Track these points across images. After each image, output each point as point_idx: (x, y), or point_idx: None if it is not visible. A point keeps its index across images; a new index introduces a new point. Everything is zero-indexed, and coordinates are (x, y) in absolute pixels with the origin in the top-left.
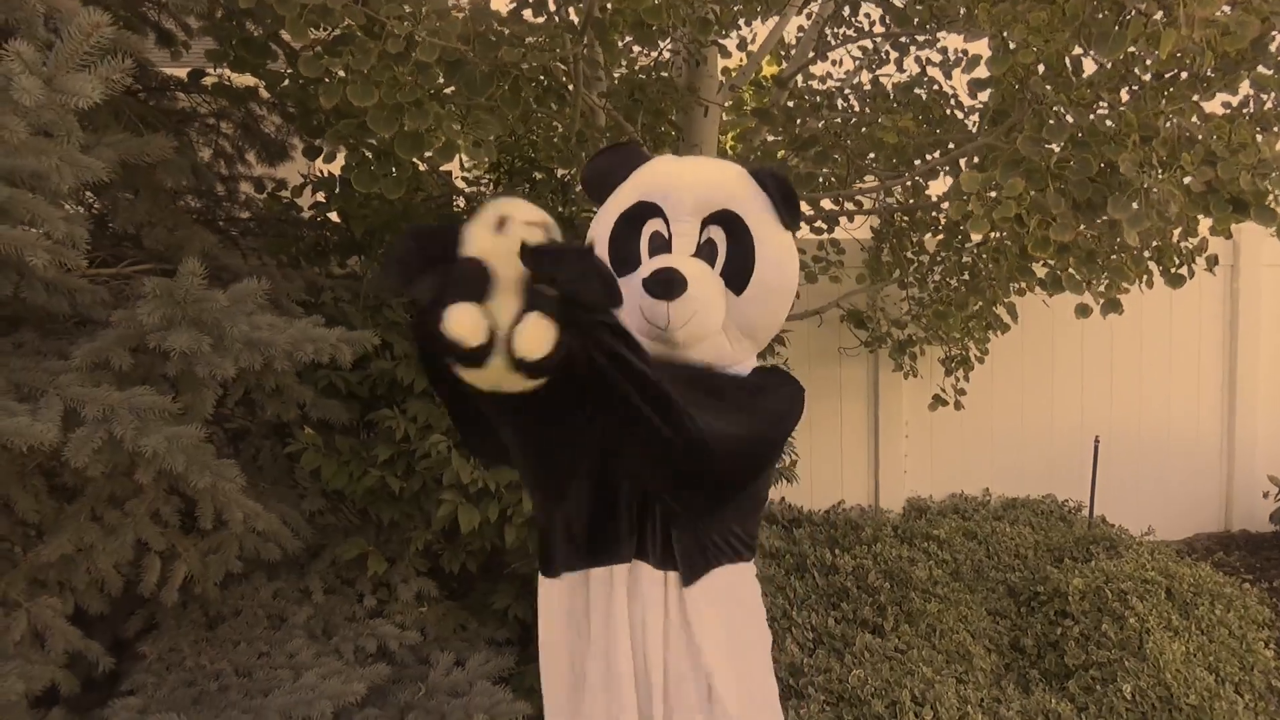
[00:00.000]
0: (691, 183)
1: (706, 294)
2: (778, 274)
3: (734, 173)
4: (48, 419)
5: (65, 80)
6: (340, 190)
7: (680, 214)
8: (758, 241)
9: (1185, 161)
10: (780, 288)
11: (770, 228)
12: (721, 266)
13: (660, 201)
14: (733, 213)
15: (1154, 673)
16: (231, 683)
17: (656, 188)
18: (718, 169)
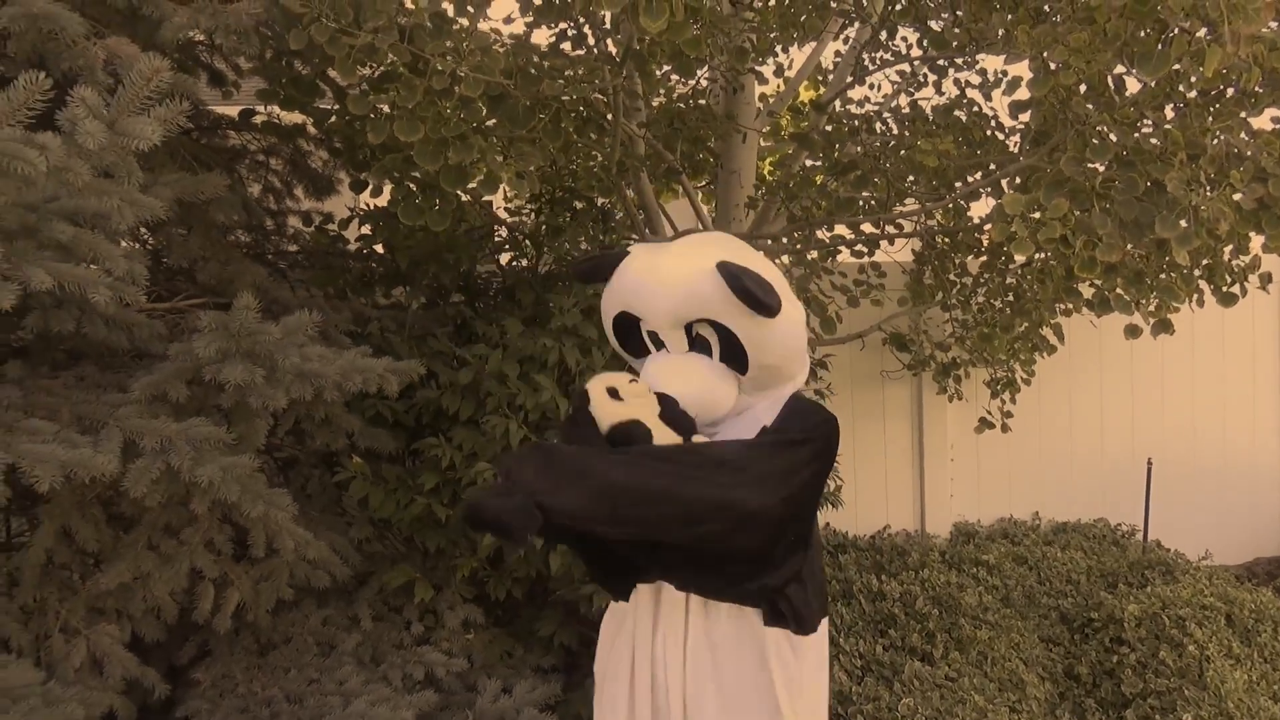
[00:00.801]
0: (661, 297)
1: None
2: (776, 350)
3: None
4: (109, 450)
5: (126, 124)
6: (385, 223)
7: (661, 327)
8: (743, 339)
9: (1234, 178)
10: (783, 356)
11: (750, 321)
12: (719, 354)
13: (639, 315)
14: (707, 319)
15: (1215, 702)
16: (283, 709)
17: (632, 302)
18: (684, 272)
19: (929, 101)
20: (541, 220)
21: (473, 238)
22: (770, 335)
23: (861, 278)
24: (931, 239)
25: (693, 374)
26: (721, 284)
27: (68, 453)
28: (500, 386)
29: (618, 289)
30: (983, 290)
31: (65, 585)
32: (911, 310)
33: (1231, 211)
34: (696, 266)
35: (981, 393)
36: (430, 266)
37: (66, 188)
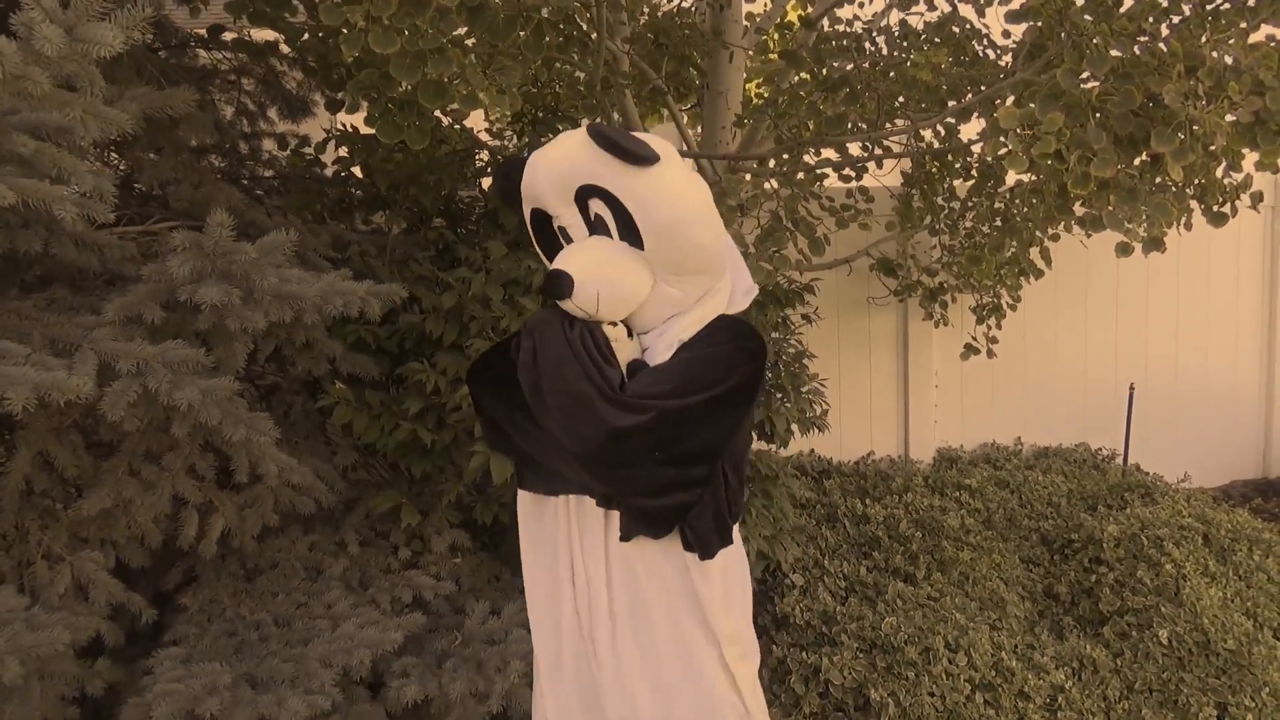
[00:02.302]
0: (544, 176)
1: (602, 272)
2: (663, 212)
3: (573, 145)
4: (83, 373)
5: (86, 29)
6: (363, 144)
7: (554, 207)
8: (623, 198)
9: (1232, 91)
10: (675, 220)
11: (628, 178)
12: (617, 232)
13: (538, 204)
14: (589, 185)
15: (1190, 618)
16: (271, 633)
17: (529, 193)
18: (558, 148)
19: (921, 17)
20: (524, 142)
21: (454, 160)
22: (652, 192)
23: (849, 202)
24: (921, 161)
25: (589, 251)
26: (591, 144)
27: (41, 375)
28: (484, 310)
29: (523, 185)
30: (971, 215)
31: (46, 512)
32: (899, 235)
33: (1227, 126)
34: (573, 138)
35: (966, 320)
36: (410, 190)
37: (26, 98)
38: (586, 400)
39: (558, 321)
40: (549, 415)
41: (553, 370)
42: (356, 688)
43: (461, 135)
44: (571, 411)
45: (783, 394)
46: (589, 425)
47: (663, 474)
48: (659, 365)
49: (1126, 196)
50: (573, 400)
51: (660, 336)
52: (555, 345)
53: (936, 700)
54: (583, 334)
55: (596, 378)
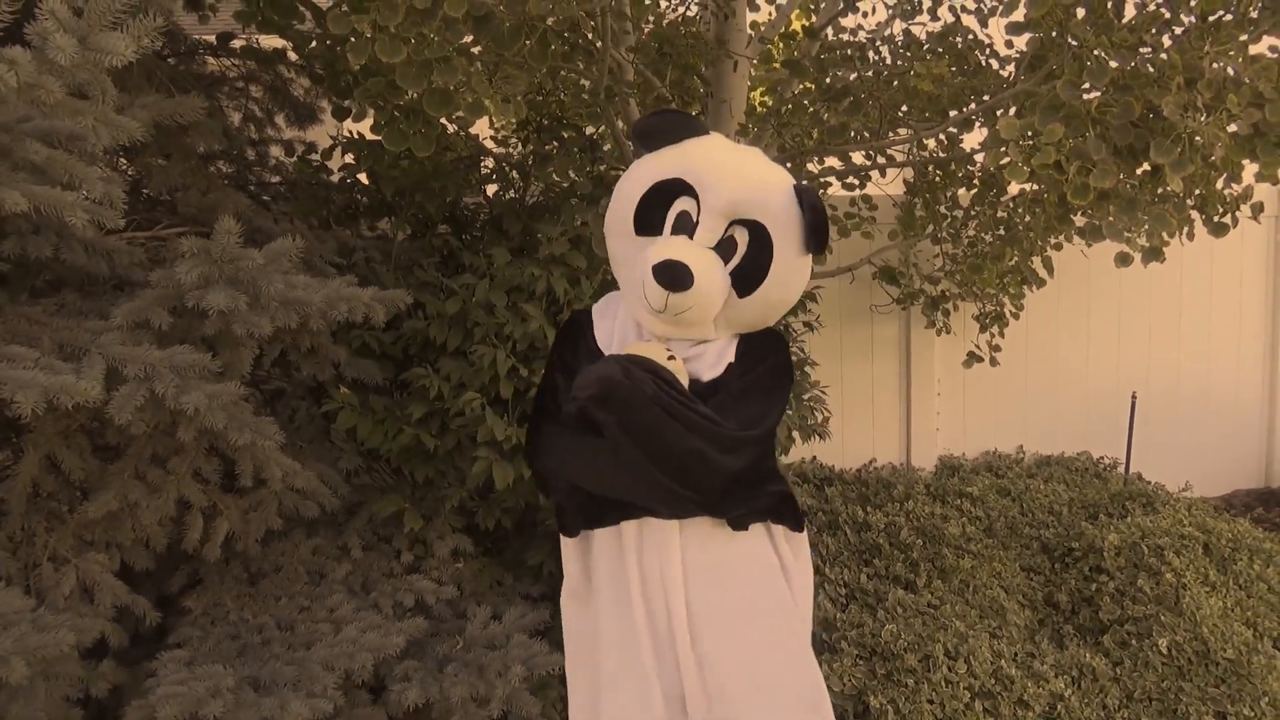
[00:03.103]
0: (735, 182)
1: (710, 291)
2: (783, 292)
3: (778, 183)
4: (91, 377)
5: (98, 39)
6: (369, 151)
7: (714, 207)
8: (776, 260)
9: (1231, 103)
10: (780, 303)
11: (792, 248)
12: (734, 266)
13: (698, 186)
14: (761, 224)
15: (1190, 628)
16: (274, 636)
17: (700, 171)
18: (764, 173)
19: (924, 27)
20: (529, 150)
21: (459, 167)
22: (795, 273)
23: (852, 210)
24: (923, 170)
25: (713, 264)
26: (791, 198)
27: (49, 378)
28: (488, 316)
29: (686, 155)
30: (973, 223)
31: (53, 515)
32: (902, 243)
33: (1227, 138)
34: (779, 176)
35: (969, 327)
36: (416, 196)
37: (39, 106)
38: (702, 456)
39: (623, 383)
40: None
41: (651, 438)
42: (358, 691)
43: (467, 143)
44: (687, 467)
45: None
46: (710, 478)
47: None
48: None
49: (1126, 207)
50: (687, 459)
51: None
52: (643, 413)
53: (936, 708)
54: (660, 388)
55: (703, 426)
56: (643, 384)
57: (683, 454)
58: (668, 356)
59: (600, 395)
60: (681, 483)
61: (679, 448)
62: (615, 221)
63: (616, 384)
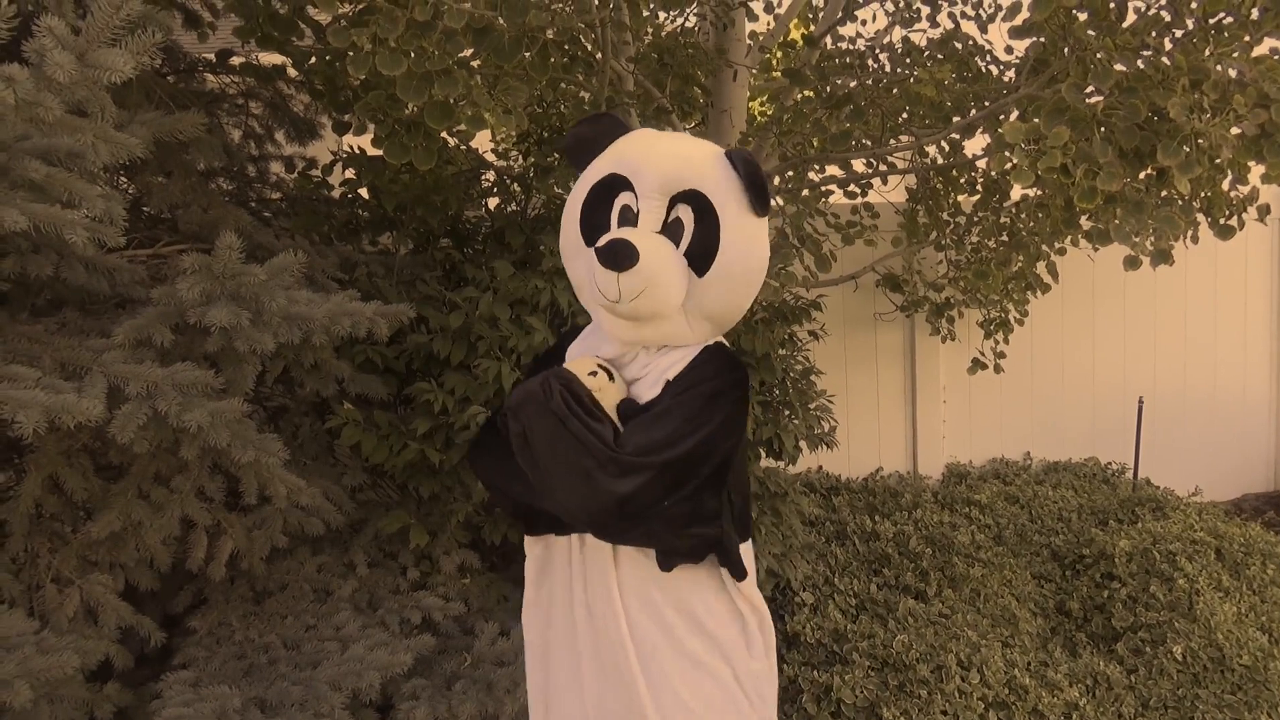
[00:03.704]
0: (663, 159)
1: (660, 269)
2: (742, 260)
3: (707, 152)
4: (93, 396)
5: (97, 55)
6: (370, 166)
7: (649, 190)
8: (723, 225)
9: (1237, 104)
10: (745, 273)
11: (738, 212)
12: (686, 246)
13: (631, 175)
14: (700, 193)
15: (1205, 634)
16: (280, 655)
17: (630, 161)
18: (692, 147)
19: (924, 33)
20: (530, 162)
21: (460, 180)
22: (746, 241)
23: (854, 218)
24: (926, 176)
25: (660, 245)
26: (725, 165)
27: (51, 398)
28: (491, 330)
29: (616, 151)
30: (977, 229)
31: (56, 535)
32: (905, 250)
33: (1233, 139)
34: (708, 147)
35: (974, 334)
36: (417, 210)
37: (37, 124)
38: (586, 474)
39: (539, 395)
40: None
41: (547, 450)
42: (366, 710)
43: (468, 156)
44: (574, 487)
45: (790, 410)
46: (595, 499)
47: (678, 514)
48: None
49: (1133, 210)
50: (574, 476)
51: (647, 368)
52: (543, 422)
53: (950, 719)
54: (565, 399)
55: (594, 445)
56: (550, 396)
57: (571, 470)
58: (589, 372)
59: (514, 405)
60: (567, 501)
61: (568, 464)
62: (567, 243)
63: (530, 395)
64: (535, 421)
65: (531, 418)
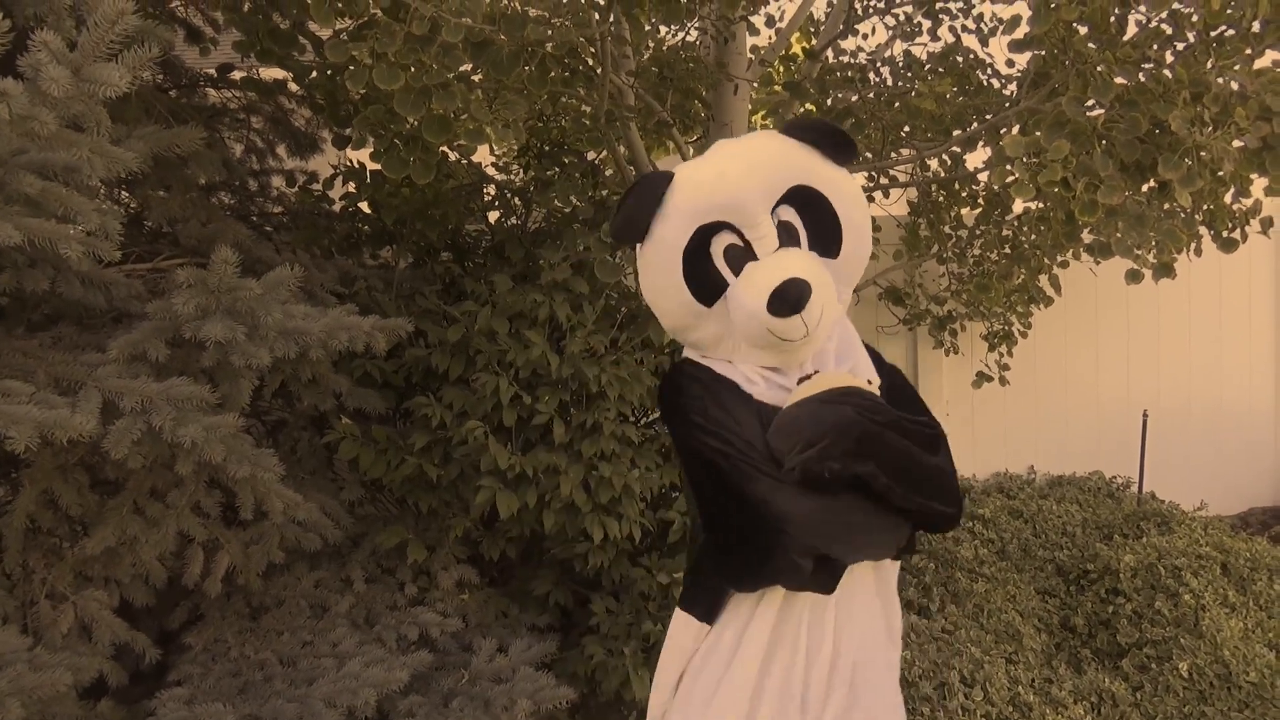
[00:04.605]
0: (746, 180)
1: (824, 283)
2: (860, 211)
3: (776, 146)
4: (87, 411)
5: (93, 70)
6: (370, 180)
7: (751, 220)
8: (833, 198)
9: (1239, 117)
10: (865, 220)
11: (833, 175)
12: (807, 242)
13: (724, 216)
14: (801, 186)
15: (1211, 650)
16: (276, 672)
17: (712, 204)
18: (760, 149)
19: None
20: (530, 176)
21: (460, 195)
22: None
23: None
24: (927, 190)
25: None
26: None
27: (44, 413)
28: (490, 344)
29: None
30: (979, 242)
31: (51, 551)
32: (907, 264)
33: (1235, 152)
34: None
35: (977, 347)
36: (417, 224)
37: (33, 138)
38: (940, 471)
39: (862, 422)
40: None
41: (909, 468)
42: None
43: (467, 170)
44: (942, 486)
45: None
46: (955, 489)
47: None
48: (911, 398)
49: (1135, 223)
50: (935, 475)
51: (850, 349)
52: (895, 447)
53: None
54: (896, 417)
55: (928, 439)
56: (877, 415)
57: (931, 472)
58: (868, 381)
59: (849, 447)
60: (941, 501)
61: (927, 467)
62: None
63: (855, 425)
64: (886, 448)
65: (880, 446)
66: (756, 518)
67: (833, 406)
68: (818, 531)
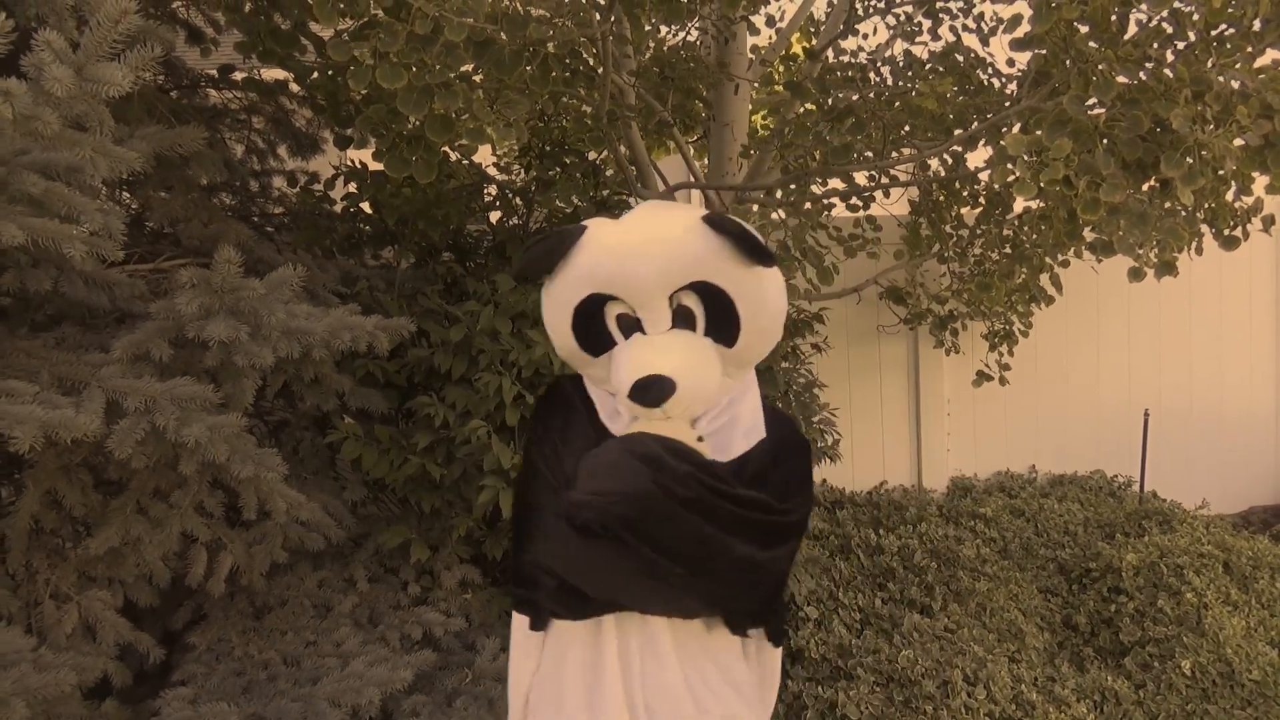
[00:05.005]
0: (645, 263)
1: (696, 377)
2: (767, 314)
3: (687, 234)
4: (91, 411)
5: (95, 69)
6: (372, 180)
7: (642, 302)
8: (737, 299)
9: (1240, 115)
10: (773, 321)
11: (743, 276)
12: (703, 329)
13: (617, 292)
14: (703, 282)
15: (1214, 648)
16: (280, 672)
17: (607, 277)
18: (669, 234)
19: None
20: (531, 175)
21: (461, 195)
22: (768, 293)
23: (857, 231)
24: (928, 189)
25: (687, 351)
26: (712, 236)
27: (48, 413)
28: (492, 343)
29: (585, 266)
30: (980, 241)
31: (54, 551)
32: (908, 263)
33: (1237, 150)
34: (681, 223)
35: (978, 346)
36: (419, 224)
37: (36, 139)
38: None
39: (657, 497)
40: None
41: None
42: None
43: (469, 170)
44: (738, 587)
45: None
46: (765, 589)
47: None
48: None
49: (1137, 221)
50: (746, 580)
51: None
52: (685, 530)
53: None
54: (711, 498)
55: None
56: (684, 489)
57: (735, 564)
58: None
59: (628, 516)
60: (739, 595)
61: (730, 558)
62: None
63: (645, 499)
64: (672, 526)
65: (664, 524)
66: (522, 520)
67: (638, 469)
68: (558, 557)
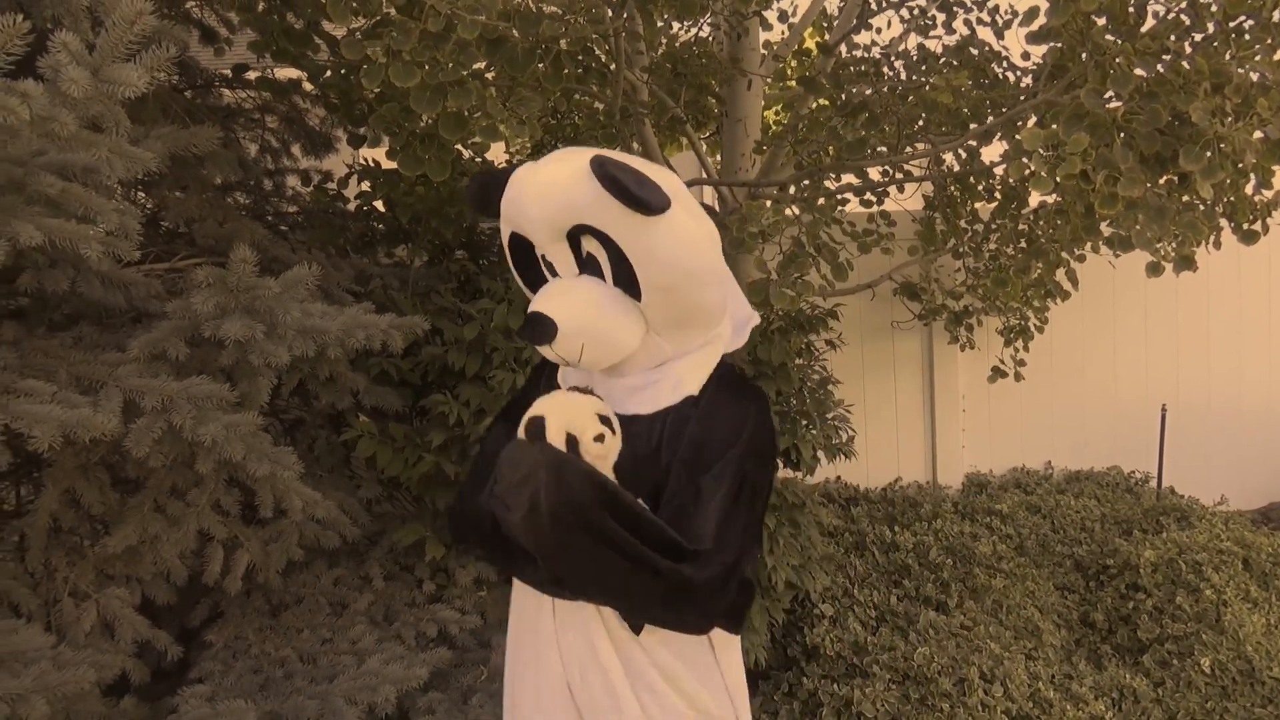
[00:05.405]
0: (534, 201)
1: (588, 322)
2: (670, 270)
3: (572, 175)
4: (108, 410)
5: (111, 70)
6: (385, 178)
7: (542, 241)
8: (625, 247)
9: (1260, 108)
10: (681, 278)
11: (629, 224)
12: (611, 276)
13: (522, 232)
14: (586, 226)
15: (1233, 645)
16: (297, 669)
17: (512, 215)
18: (552, 176)
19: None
20: None
21: None
22: (658, 244)
23: (871, 226)
24: (943, 184)
25: (579, 296)
26: (592, 178)
27: (66, 413)
28: (506, 341)
29: (503, 206)
30: (995, 236)
31: (73, 550)
32: (922, 258)
33: (1257, 143)
34: (571, 166)
35: (993, 342)
36: (432, 222)
37: (52, 140)
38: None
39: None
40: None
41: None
42: None
43: (482, 167)
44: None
45: (808, 420)
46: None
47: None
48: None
49: (1155, 215)
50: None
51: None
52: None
53: None
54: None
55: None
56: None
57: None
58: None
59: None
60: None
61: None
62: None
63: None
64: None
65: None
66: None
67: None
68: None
